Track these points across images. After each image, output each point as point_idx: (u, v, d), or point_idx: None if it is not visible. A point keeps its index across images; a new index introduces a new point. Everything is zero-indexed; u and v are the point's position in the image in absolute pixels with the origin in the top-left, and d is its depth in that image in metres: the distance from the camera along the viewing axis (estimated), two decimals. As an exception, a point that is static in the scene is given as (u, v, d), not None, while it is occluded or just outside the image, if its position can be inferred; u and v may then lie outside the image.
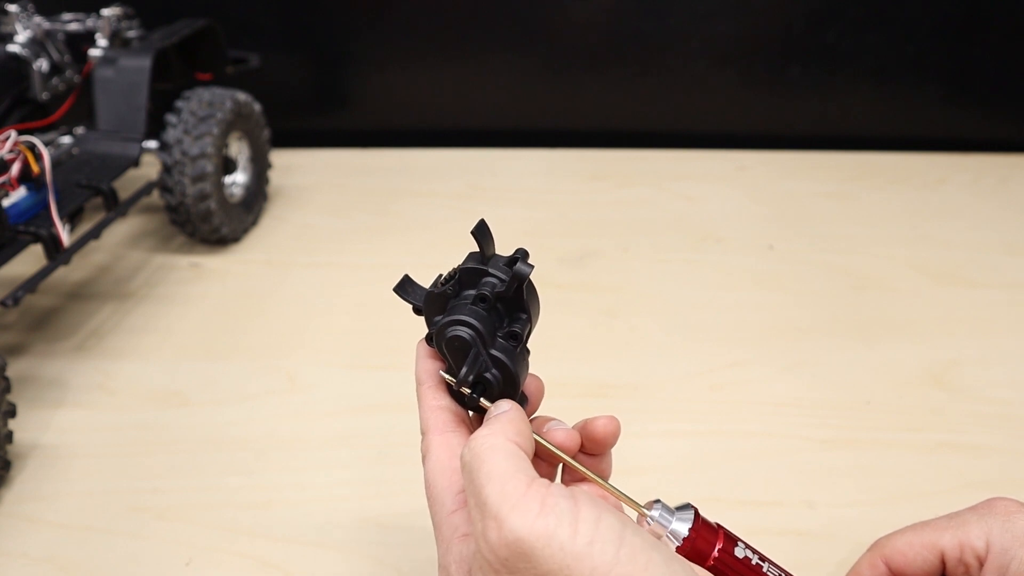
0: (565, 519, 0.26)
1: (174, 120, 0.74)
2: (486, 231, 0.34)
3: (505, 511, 0.26)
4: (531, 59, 1.04)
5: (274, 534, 0.49)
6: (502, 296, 0.33)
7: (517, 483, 0.27)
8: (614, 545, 0.26)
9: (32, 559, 0.47)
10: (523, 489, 0.27)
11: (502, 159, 1.01)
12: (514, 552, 0.26)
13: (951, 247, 0.81)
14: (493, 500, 0.27)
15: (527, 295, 0.34)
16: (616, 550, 0.26)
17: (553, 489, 0.27)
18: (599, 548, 0.26)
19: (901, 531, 0.37)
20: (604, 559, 0.26)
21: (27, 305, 0.71)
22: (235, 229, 0.80)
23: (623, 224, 0.86)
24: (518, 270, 0.33)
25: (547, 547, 0.26)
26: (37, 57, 0.74)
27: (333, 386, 0.61)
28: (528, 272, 0.33)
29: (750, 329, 0.68)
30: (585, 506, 0.27)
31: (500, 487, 0.27)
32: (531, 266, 0.33)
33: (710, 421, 0.58)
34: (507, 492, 0.27)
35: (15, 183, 0.60)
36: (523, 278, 0.33)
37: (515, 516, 0.26)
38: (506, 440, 0.29)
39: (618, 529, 0.27)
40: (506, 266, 0.34)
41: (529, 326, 0.34)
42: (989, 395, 0.61)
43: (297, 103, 1.07)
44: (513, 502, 0.27)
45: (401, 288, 0.36)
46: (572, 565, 0.25)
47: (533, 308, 0.35)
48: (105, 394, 0.61)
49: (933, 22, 1.00)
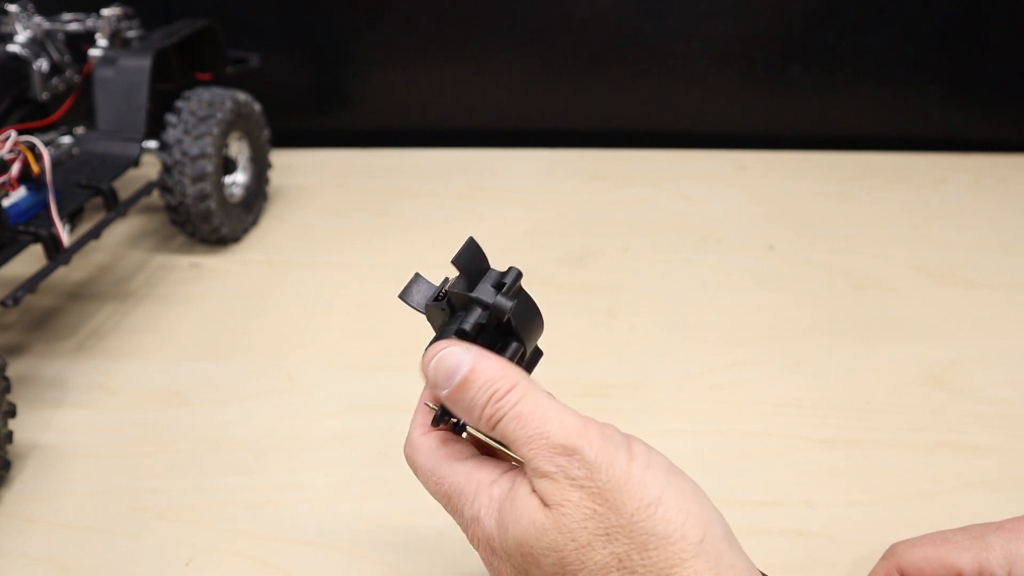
0: (622, 448, 0.29)
1: (174, 120, 0.74)
2: (472, 255, 0.32)
3: (574, 440, 0.29)
4: (531, 59, 1.04)
5: (274, 534, 0.49)
6: (486, 328, 0.32)
7: (575, 419, 0.30)
8: (665, 473, 0.29)
9: (32, 559, 0.47)
10: (581, 423, 0.30)
11: (502, 159, 1.01)
12: (586, 472, 0.28)
13: (951, 247, 0.81)
14: (559, 436, 0.29)
15: (517, 320, 0.32)
16: (667, 476, 0.29)
17: (607, 426, 0.30)
18: (652, 473, 0.29)
19: (919, 542, 0.36)
20: (657, 481, 0.28)
21: (27, 305, 0.71)
22: (235, 229, 0.80)
23: (623, 224, 0.86)
24: (498, 305, 0.32)
25: (611, 467, 0.28)
26: (37, 57, 0.74)
27: (333, 386, 0.61)
28: (507, 308, 0.31)
29: (750, 329, 0.68)
30: (638, 442, 0.30)
31: (560, 424, 0.29)
32: (513, 299, 0.31)
33: (710, 421, 0.58)
34: (569, 425, 0.29)
35: (15, 183, 0.60)
36: (502, 314, 0.32)
37: (582, 443, 0.29)
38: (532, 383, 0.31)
39: (666, 463, 0.30)
40: (494, 288, 0.32)
41: (522, 350, 0.33)
42: (989, 395, 0.61)
43: (297, 103, 1.07)
44: (577, 433, 0.29)
45: (407, 292, 0.35)
46: (629, 483, 0.28)
47: (526, 330, 0.33)
48: (105, 394, 0.61)
49: (933, 22, 1.00)
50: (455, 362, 0.31)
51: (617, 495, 0.28)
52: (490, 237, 0.83)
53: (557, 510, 0.28)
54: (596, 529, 0.28)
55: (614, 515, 0.28)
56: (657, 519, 0.27)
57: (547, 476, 0.29)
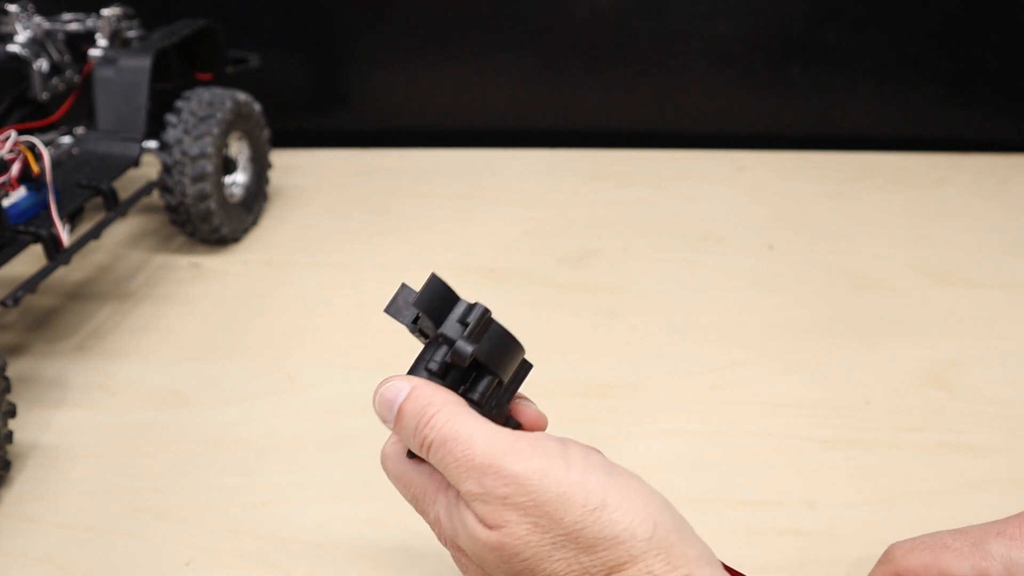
0: (557, 457, 0.29)
1: (174, 120, 0.74)
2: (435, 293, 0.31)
3: (499, 459, 0.29)
4: (531, 59, 1.04)
5: (274, 534, 0.49)
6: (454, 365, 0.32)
7: (504, 435, 0.30)
8: (605, 474, 0.29)
9: (32, 559, 0.47)
10: (512, 438, 0.29)
11: (502, 159, 1.01)
12: (515, 489, 0.28)
13: (951, 247, 0.81)
14: (483, 456, 0.29)
15: (486, 357, 0.32)
16: (608, 477, 0.29)
17: (540, 435, 0.30)
18: (592, 477, 0.29)
19: (917, 547, 0.35)
20: (599, 484, 0.28)
21: (27, 305, 0.71)
22: (235, 229, 0.80)
23: (623, 224, 0.86)
24: (457, 351, 0.31)
25: (544, 478, 0.28)
26: (37, 57, 0.74)
27: (333, 386, 0.61)
28: (467, 353, 0.31)
29: (750, 329, 0.68)
30: (574, 445, 0.30)
31: (486, 444, 0.29)
32: (474, 342, 0.31)
33: (710, 421, 0.58)
34: (496, 443, 0.29)
35: (15, 183, 0.60)
36: (462, 360, 0.31)
37: (509, 459, 0.28)
38: (461, 406, 0.31)
39: (605, 462, 0.30)
40: (460, 324, 0.32)
41: (494, 383, 0.32)
42: (989, 395, 0.61)
43: (297, 103, 1.07)
44: (504, 450, 0.29)
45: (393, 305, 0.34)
46: (568, 491, 0.28)
47: (499, 364, 0.32)
48: (105, 394, 0.61)
49: (933, 22, 1.00)
50: (393, 395, 0.32)
51: (557, 505, 0.28)
52: (490, 237, 0.83)
53: (499, 531, 0.28)
54: (542, 542, 0.28)
55: (557, 525, 0.28)
56: (604, 522, 0.28)
57: (479, 498, 0.29)
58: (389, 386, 0.32)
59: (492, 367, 0.32)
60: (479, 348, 0.31)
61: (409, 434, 0.31)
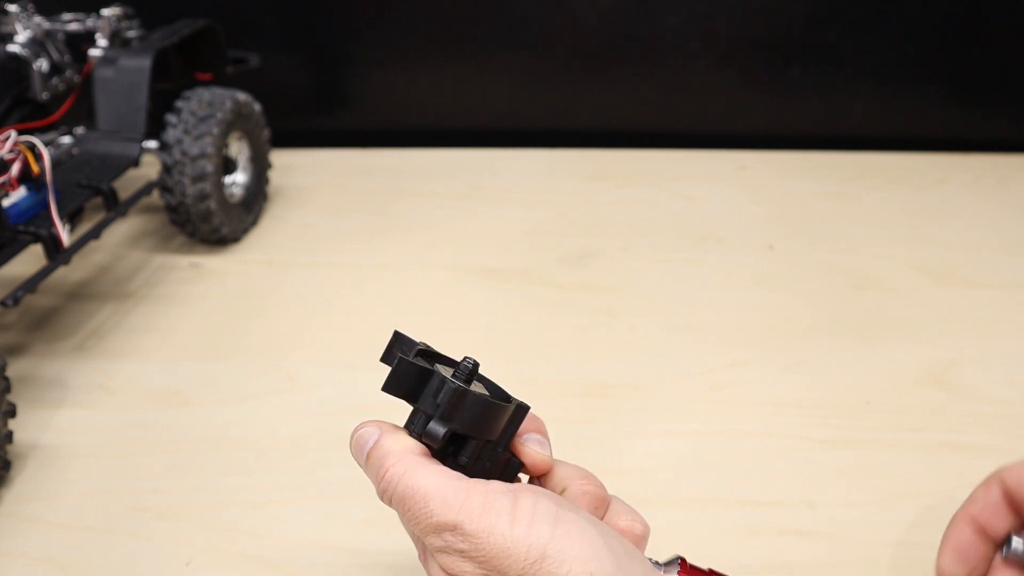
0: (504, 513, 0.30)
1: (174, 120, 0.74)
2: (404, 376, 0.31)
3: (454, 517, 0.30)
4: (531, 59, 1.04)
5: (274, 534, 0.49)
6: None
7: (455, 491, 0.31)
8: (549, 525, 0.30)
9: (32, 559, 0.47)
10: (463, 495, 0.31)
11: (502, 159, 1.01)
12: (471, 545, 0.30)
13: (951, 247, 0.81)
14: (440, 515, 0.30)
15: (465, 428, 0.32)
16: (552, 528, 0.30)
17: (492, 490, 0.31)
18: (536, 530, 0.30)
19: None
20: (541, 537, 0.30)
21: (27, 305, 0.71)
22: (235, 229, 0.80)
23: (623, 224, 0.86)
24: (429, 433, 0.32)
25: (490, 535, 0.30)
26: (37, 57, 0.74)
27: (333, 386, 0.61)
28: (439, 437, 0.31)
29: (750, 329, 0.68)
30: (525, 497, 0.31)
31: (441, 503, 0.31)
32: (446, 424, 0.31)
33: (710, 421, 0.58)
34: (449, 503, 0.31)
35: (15, 183, 0.60)
36: (436, 443, 0.32)
37: (463, 517, 0.30)
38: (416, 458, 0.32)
39: (553, 510, 0.31)
40: (434, 400, 0.32)
41: (481, 444, 0.33)
42: (989, 395, 0.61)
43: (297, 103, 1.07)
44: (458, 508, 0.30)
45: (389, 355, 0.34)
46: (511, 547, 0.30)
47: (481, 430, 0.32)
48: (105, 394, 0.61)
49: (933, 22, 1.00)
50: (364, 441, 0.34)
51: (502, 560, 0.30)
52: (490, 237, 0.83)
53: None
54: None
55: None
56: (543, 573, 0.29)
57: (441, 551, 0.31)
58: (360, 433, 0.34)
59: (473, 435, 0.33)
60: (455, 424, 0.32)
61: (373, 482, 0.33)
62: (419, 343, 0.34)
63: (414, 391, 0.32)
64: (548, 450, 0.35)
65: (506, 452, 0.34)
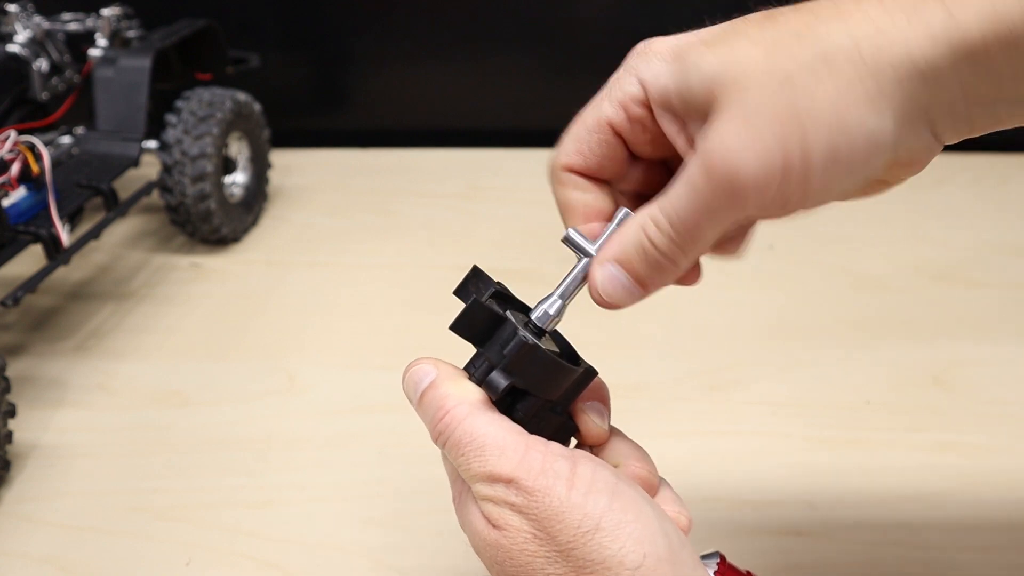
0: (563, 475, 0.29)
1: (174, 120, 0.74)
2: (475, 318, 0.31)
3: (511, 471, 0.29)
4: (531, 59, 1.04)
5: (274, 534, 0.49)
6: None
7: (515, 446, 0.30)
8: (607, 496, 0.29)
9: (32, 559, 0.47)
10: (523, 450, 0.30)
11: (502, 159, 1.01)
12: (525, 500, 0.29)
13: (951, 247, 0.81)
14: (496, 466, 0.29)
15: (524, 384, 0.31)
16: (609, 500, 0.29)
17: (553, 451, 0.30)
18: (593, 499, 0.29)
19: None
20: (597, 507, 0.29)
21: (27, 305, 0.71)
22: (235, 229, 0.80)
23: (623, 224, 0.86)
24: (490, 383, 0.31)
25: (547, 496, 0.29)
26: (37, 57, 0.74)
27: (333, 386, 0.61)
28: (500, 388, 0.30)
29: (750, 329, 0.68)
30: (584, 463, 0.30)
31: (499, 454, 0.30)
32: (509, 377, 0.30)
33: (710, 421, 0.58)
34: (508, 455, 0.30)
35: (15, 183, 0.60)
36: (495, 394, 0.31)
37: (521, 473, 0.29)
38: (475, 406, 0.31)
39: (612, 482, 0.30)
40: (501, 349, 0.31)
41: (539, 402, 0.32)
42: (989, 395, 0.61)
43: (297, 103, 1.07)
44: (516, 463, 0.29)
45: (463, 289, 0.33)
46: (566, 511, 0.29)
47: (541, 388, 0.32)
48: (105, 394, 0.61)
49: (933, 22, 1.00)
50: (419, 378, 0.32)
51: (554, 523, 0.29)
52: (490, 237, 0.83)
53: (500, 532, 0.29)
54: (536, 552, 0.29)
55: (552, 541, 0.29)
56: (593, 545, 0.28)
57: (489, 500, 0.30)
58: (416, 368, 0.33)
59: (535, 392, 0.32)
60: (517, 379, 0.31)
61: (427, 423, 0.32)
62: (496, 283, 0.34)
63: (482, 335, 0.31)
64: (607, 422, 0.35)
65: (563, 415, 0.33)
